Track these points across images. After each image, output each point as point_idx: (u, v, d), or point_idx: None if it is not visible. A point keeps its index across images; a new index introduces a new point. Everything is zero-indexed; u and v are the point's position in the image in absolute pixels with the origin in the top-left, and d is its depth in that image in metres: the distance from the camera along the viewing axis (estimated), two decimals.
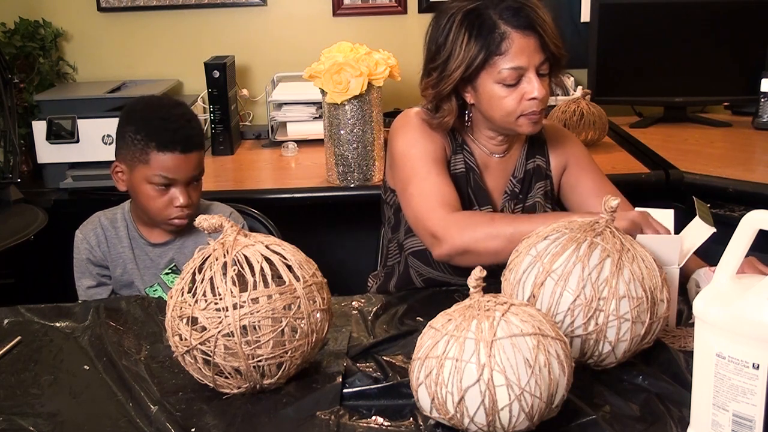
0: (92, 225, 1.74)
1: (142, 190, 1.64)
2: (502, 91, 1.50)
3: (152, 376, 1.19)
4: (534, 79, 1.48)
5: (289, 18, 2.90)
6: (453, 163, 1.61)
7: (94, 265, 1.73)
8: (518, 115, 1.51)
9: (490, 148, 1.64)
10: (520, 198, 1.65)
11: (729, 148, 2.53)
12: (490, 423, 0.95)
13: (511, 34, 1.47)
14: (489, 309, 0.98)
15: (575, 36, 2.92)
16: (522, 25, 1.47)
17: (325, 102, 2.22)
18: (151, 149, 1.61)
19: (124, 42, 2.87)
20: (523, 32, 1.47)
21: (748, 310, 0.90)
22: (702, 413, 0.95)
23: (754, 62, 2.68)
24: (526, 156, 1.67)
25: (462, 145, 1.63)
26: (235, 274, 1.07)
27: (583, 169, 1.69)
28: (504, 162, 1.66)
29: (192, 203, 1.66)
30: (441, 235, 1.44)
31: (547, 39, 1.49)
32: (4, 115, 2.28)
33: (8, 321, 1.40)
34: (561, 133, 1.74)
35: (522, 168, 1.66)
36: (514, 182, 1.65)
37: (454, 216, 1.46)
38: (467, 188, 1.61)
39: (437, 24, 1.54)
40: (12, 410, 1.11)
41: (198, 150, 1.66)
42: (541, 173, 1.67)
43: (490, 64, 1.49)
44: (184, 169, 1.63)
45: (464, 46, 1.49)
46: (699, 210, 1.33)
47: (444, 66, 1.52)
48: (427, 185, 1.52)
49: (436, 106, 1.57)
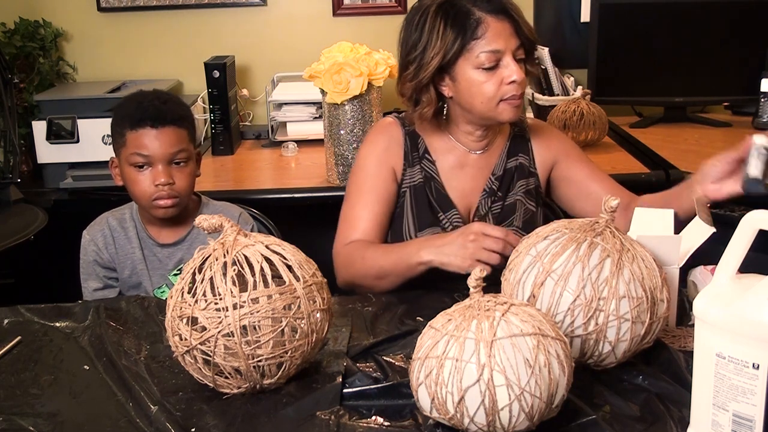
0: (100, 226, 1.73)
1: (126, 175, 1.65)
2: (481, 76, 1.52)
3: (152, 376, 1.18)
4: (512, 63, 1.51)
5: (289, 18, 2.90)
6: (408, 176, 1.65)
7: (102, 267, 1.72)
8: (498, 100, 1.53)
9: (470, 145, 1.66)
10: (499, 196, 1.66)
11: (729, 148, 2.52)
12: (490, 423, 0.95)
13: (486, 18, 1.50)
14: (489, 309, 0.98)
15: (575, 36, 2.92)
16: (496, 9, 1.51)
17: (325, 102, 2.22)
18: (126, 129, 1.63)
19: (124, 42, 2.87)
20: (497, 17, 1.51)
21: (748, 310, 0.90)
22: (702, 413, 0.95)
23: (754, 62, 2.68)
24: (508, 154, 1.68)
25: (424, 155, 1.65)
26: (235, 274, 1.07)
27: (574, 161, 1.70)
28: (484, 159, 1.67)
29: (176, 185, 1.64)
30: (335, 268, 1.59)
31: (521, 24, 1.52)
32: (4, 115, 2.28)
33: (8, 321, 1.40)
34: (546, 131, 1.75)
35: (502, 166, 1.67)
36: (493, 180, 1.66)
37: (344, 250, 1.59)
38: (429, 197, 1.64)
39: (411, 19, 1.57)
40: (12, 410, 1.11)
41: (173, 126, 1.64)
42: (524, 171, 1.68)
43: (467, 49, 1.51)
44: (158, 145, 1.62)
45: (440, 35, 1.51)
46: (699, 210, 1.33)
47: (421, 57, 1.54)
48: (350, 213, 1.63)
49: (416, 99, 1.59)
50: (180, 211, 1.68)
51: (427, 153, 1.66)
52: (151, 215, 1.69)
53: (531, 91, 2.81)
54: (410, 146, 1.66)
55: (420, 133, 1.67)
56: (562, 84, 2.79)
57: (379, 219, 1.63)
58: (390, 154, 1.65)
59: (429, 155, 1.66)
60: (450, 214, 1.63)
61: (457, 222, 1.63)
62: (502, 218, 1.65)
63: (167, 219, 1.69)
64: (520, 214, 1.65)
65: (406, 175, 1.65)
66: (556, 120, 2.52)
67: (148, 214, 1.70)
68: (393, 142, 1.66)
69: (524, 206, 1.66)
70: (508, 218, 1.65)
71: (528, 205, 1.66)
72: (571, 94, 2.74)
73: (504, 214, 1.65)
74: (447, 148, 1.67)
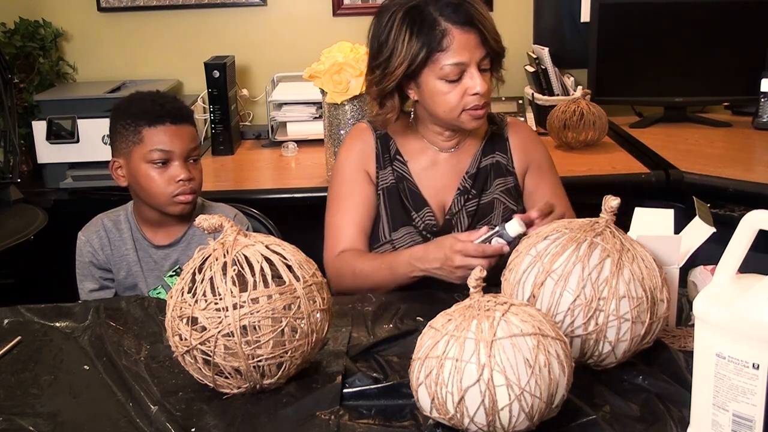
0: (95, 227, 1.73)
1: (142, 173, 1.63)
2: (444, 86, 1.52)
3: (152, 376, 1.18)
4: (476, 75, 1.51)
5: (289, 18, 2.90)
6: (381, 178, 1.66)
7: (97, 268, 1.72)
8: (461, 111, 1.54)
9: (440, 144, 1.66)
10: (473, 194, 1.65)
11: (729, 148, 2.53)
12: (490, 423, 0.95)
13: (452, 30, 1.50)
14: (489, 309, 0.98)
15: (575, 36, 2.92)
16: (462, 21, 1.50)
17: (325, 102, 2.22)
18: (143, 127, 1.63)
19: (124, 42, 2.87)
20: (463, 28, 1.50)
21: (748, 310, 0.90)
22: (702, 413, 0.95)
23: (754, 62, 2.68)
24: (483, 152, 1.68)
25: (395, 156, 1.66)
26: (235, 274, 1.07)
27: (542, 175, 1.70)
28: (456, 157, 1.67)
29: (194, 179, 1.66)
30: (328, 278, 1.57)
31: (487, 34, 1.52)
32: (4, 115, 2.28)
33: (8, 321, 1.40)
34: (525, 133, 1.74)
35: (476, 164, 1.67)
36: (467, 178, 1.66)
37: (333, 264, 1.61)
38: (401, 197, 1.64)
39: (379, 22, 1.58)
40: (12, 410, 1.11)
41: (189, 124, 1.67)
42: (501, 169, 1.68)
43: (432, 60, 1.51)
44: (179, 141, 1.63)
45: (406, 44, 1.52)
46: (699, 210, 1.33)
47: (387, 63, 1.55)
48: (332, 221, 1.65)
49: (380, 102, 1.61)
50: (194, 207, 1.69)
51: (398, 154, 1.67)
52: (165, 213, 1.68)
53: (531, 91, 2.81)
54: (381, 149, 1.67)
55: (392, 135, 1.68)
56: (562, 84, 2.79)
57: (362, 223, 1.64)
58: (363, 159, 1.67)
59: (400, 156, 1.66)
60: (423, 212, 1.63)
61: (429, 219, 1.63)
62: (479, 217, 1.64)
63: (164, 221, 1.69)
64: (499, 213, 1.64)
65: (379, 178, 1.66)
66: (556, 120, 2.52)
67: (149, 214, 1.70)
68: (365, 146, 1.68)
69: (503, 205, 1.65)
70: (485, 217, 1.64)
71: (508, 204, 1.65)
72: (571, 94, 2.74)
73: (481, 213, 1.65)
74: (418, 148, 1.67)
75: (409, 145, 1.68)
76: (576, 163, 2.41)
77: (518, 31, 2.89)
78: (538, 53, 2.78)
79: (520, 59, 2.85)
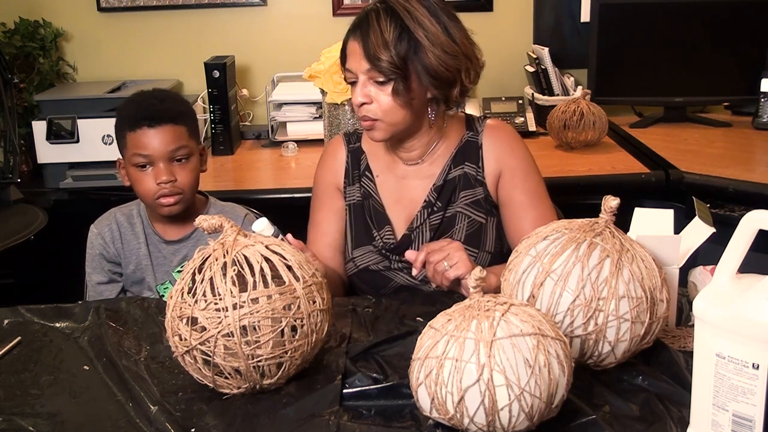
0: (107, 221, 1.75)
1: (131, 176, 1.67)
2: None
3: (152, 377, 1.19)
4: (359, 86, 1.50)
5: (289, 18, 2.90)
6: (349, 194, 1.66)
7: (107, 261, 1.74)
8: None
9: (403, 157, 1.63)
10: (439, 207, 1.59)
11: (729, 148, 2.53)
12: (490, 423, 0.95)
13: (348, 39, 1.52)
14: (489, 309, 0.98)
15: (575, 36, 2.92)
16: (351, 29, 1.52)
17: (325, 102, 2.22)
18: (126, 131, 1.64)
19: (124, 42, 2.87)
20: (353, 35, 1.51)
21: (748, 310, 0.90)
22: (702, 413, 0.95)
23: (754, 62, 2.68)
24: (453, 162, 1.61)
25: (365, 172, 1.65)
26: (235, 274, 1.07)
27: (518, 181, 1.59)
28: (425, 170, 1.62)
29: (178, 181, 1.64)
30: None
31: (369, 47, 1.47)
32: (4, 115, 2.28)
33: (8, 321, 1.40)
34: (500, 138, 1.62)
35: (444, 177, 1.60)
36: (432, 191, 1.60)
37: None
38: (365, 215, 1.64)
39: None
40: (12, 410, 1.11)
41: (171, 123, 1.64)
42: (470, 180, 1.60)
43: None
44: (158, 143, 1.62)
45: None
46: (699, 210, 1.33)
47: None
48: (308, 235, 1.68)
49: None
50: (185, 207, 1.68)
51: (368, 170, 1.65)
52: (156, 213, 1.70)
53: (531, 91, 2.81)
54: (351, 164, 1.66)
55: (364, 149, 1.67)
56: (562, 84, 2.79)
57: (330, 237, 1.65)
58: (333, 174, 1.67)
59: (369, 172, 1.65)
60: (384, 231, 1.61)
61: (388, 238, 1.60)
62: (442, 231, 1.59)
63: (173, 216, 1.69)
64: (462, 227, 1.58)
65: (347, 194, 1.66)
66: (556, 120, 2.52)
67: (152, 210, 1.72)
68: (336, 161, 1.68)
69: (468, 218, 1.58)
70: (447, 231, 1.58)
71: (474, 217, 1.58)
72: (571, 94, 2.75)
73: (444, 227, 1.59)
74: (388, 162, 1.65)
75: (379, 159, 1.65)
76: (576, 163, 2.41)
77: (518, 31, 2.89)
78: (538, 53, 2.78)
79: (520, 59, 2.86)
